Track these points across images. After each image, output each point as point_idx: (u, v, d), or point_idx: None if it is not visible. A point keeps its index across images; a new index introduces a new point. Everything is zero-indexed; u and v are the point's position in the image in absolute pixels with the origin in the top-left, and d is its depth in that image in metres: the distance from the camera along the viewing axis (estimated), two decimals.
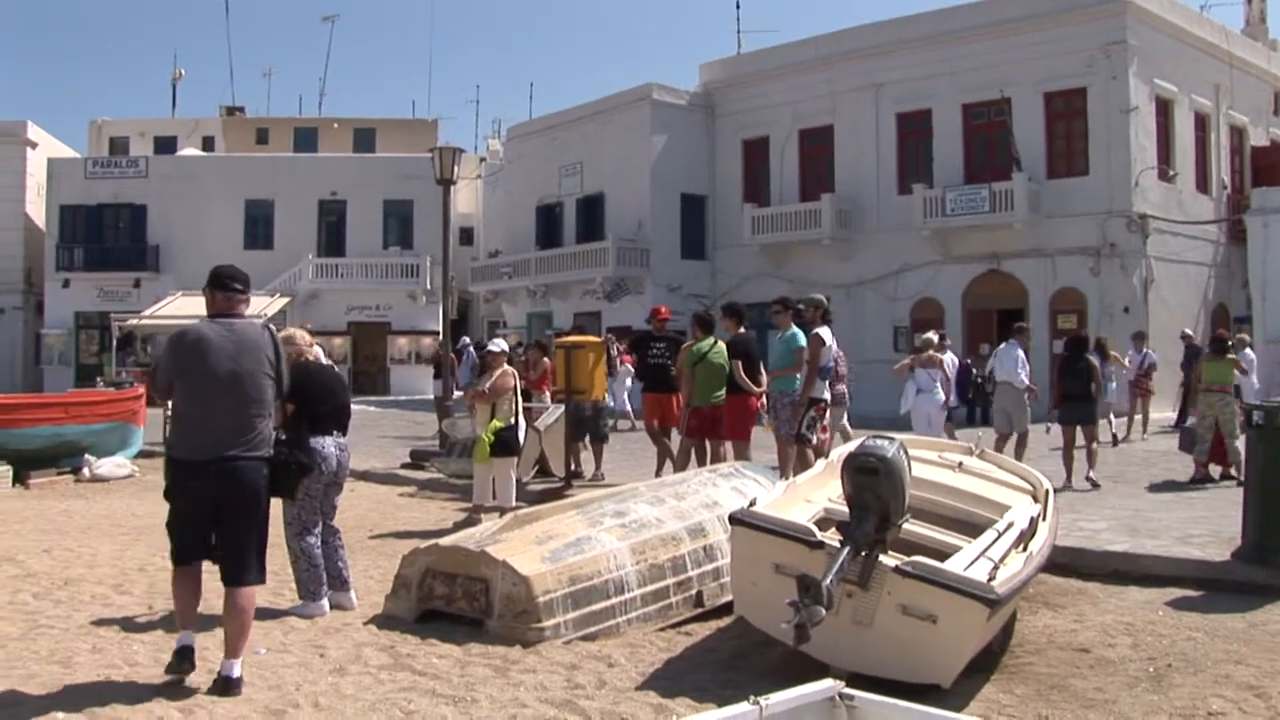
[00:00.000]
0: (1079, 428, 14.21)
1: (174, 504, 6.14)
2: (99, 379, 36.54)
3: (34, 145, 47.73)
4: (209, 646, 6.34)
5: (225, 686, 5.90)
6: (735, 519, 6.30)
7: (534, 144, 43.59)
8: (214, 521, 6.09)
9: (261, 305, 36.19)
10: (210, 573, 6.21)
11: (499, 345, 11.95)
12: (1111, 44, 29.92)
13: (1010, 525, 6.91)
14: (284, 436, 6.95)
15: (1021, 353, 15.17)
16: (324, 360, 8.61)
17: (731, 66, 39.98)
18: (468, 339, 27.51)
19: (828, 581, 5.45)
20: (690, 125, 39.10)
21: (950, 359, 16.60)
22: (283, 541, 7.61)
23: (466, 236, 50.46)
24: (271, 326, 6.62)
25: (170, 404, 5.88)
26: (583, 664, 6.37)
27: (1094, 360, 14.84)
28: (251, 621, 6.23)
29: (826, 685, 3.85)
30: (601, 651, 6.63)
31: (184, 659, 6.02)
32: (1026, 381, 14.89)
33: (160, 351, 6.39)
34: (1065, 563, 9.10)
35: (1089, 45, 30.26)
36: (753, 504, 6.53)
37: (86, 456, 17.53)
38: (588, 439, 15.07)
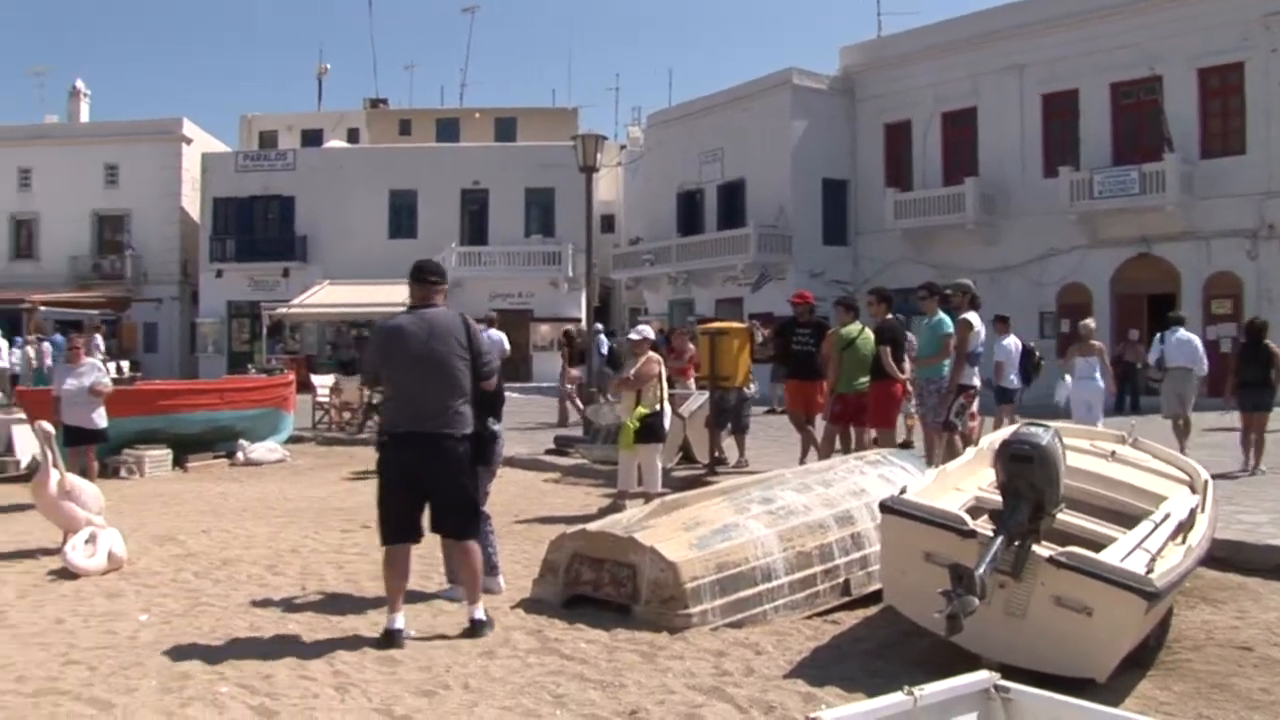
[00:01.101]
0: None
1: (383, 478, 6.79)
2: (250, 366, 37.63)
3: (189, 141, 49.31)
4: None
5: (474, 629, 6.70)
6: (886, 506, 6.23)
7: (674, 131, 43.56)
8: (423, 495, 6.74)
9: (406, 294, 36.83)
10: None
11: (643, 332, 11.95)
12: (1271, 15, 28.79)
13: (1167, 516, 6.69)
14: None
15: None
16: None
17: (872, 49, 39.49)
18: (600, 325, 27.59)
19: (981, 571, 5.37)
20: (831, 109, 38.73)
21: (1013, 342, 16.37)
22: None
23: (608, 224, 50.66)
24: (465, 315, 7.14)
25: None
26: (730, 651, 6.36)
27: (1274, 347, 14.46)
28: (480, 570, 6.96)
29: (981, 677, 3.80)
30: (748, 639, 6.60)
31: (391, 640, 6.48)
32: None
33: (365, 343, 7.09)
34: (1225, 556, 8.74)
35: (1246, 17, 29.20)
36: (903, 491, 6.46)
37: (240, 441, 18.06)
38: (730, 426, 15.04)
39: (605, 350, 24.14)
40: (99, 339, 35.98)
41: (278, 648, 6.49)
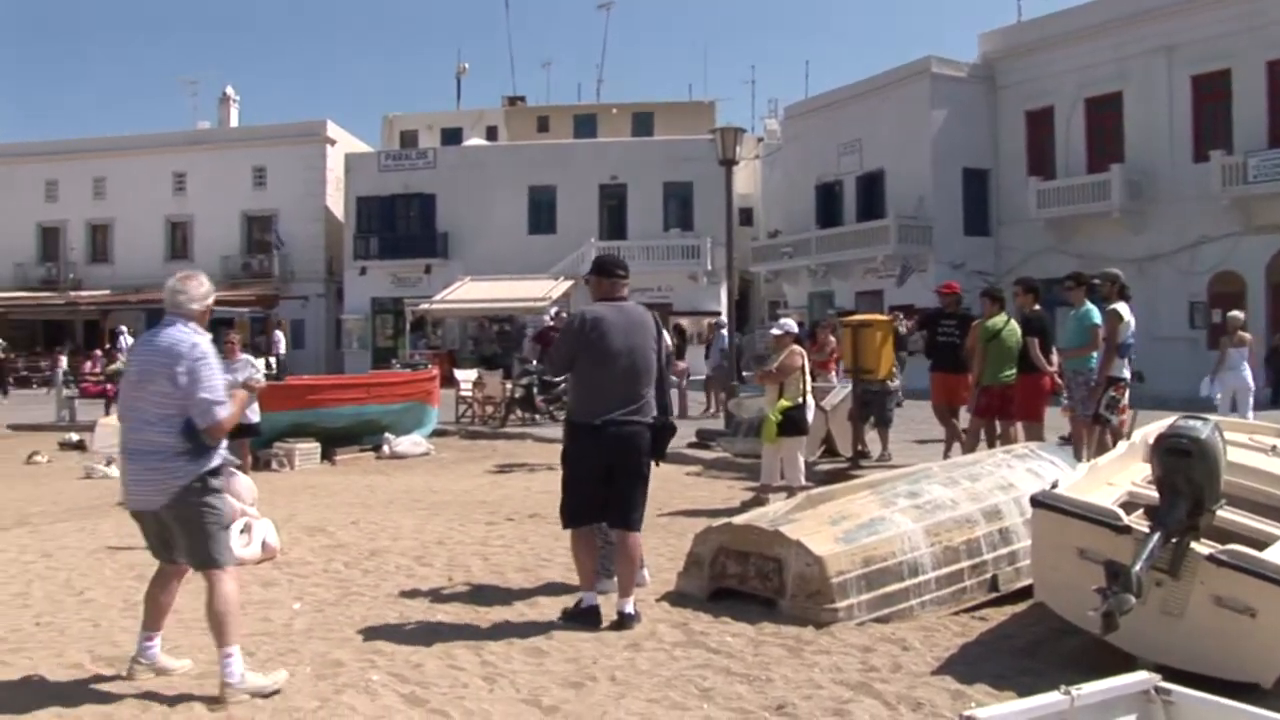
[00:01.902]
0: None
1: (570, 464, 6.99)
2: (394, 361, 38.33)
3: (333, 142, 50.51)
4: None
5: (622, 622, 6.77)
6: (1037, 501, 6.10)
7: (812, 122, 43.29)
8: (606, 480, 6.91)
9: (547, 289, 37.20)
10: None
11: (786, 325, 11.91)
12: None
13: None
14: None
15: None
16: None
17: (1012, 35, 38.72)
18: (724, 320, 27.51)
19: (1137, 568, 5.23)
20: (970, 97, 38.15)
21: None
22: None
23: (746, 217, 50.50)
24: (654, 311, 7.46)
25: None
26: (876, 646, 6.28)
27: None
28: (640, 562, 7.28)
29: (1141, 678, 3.71)
30: (895, 634, 6.52)
31: (590, 619, 6.76)
32: None
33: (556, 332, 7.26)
34: None
35: None
36: (1054, 486, 6.32)
37: (386, 435, 18.39)
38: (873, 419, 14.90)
39: (725, 345, 24.14)
40: (280, 334, 37.19)
41: (426, 637, 6.60)
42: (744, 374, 22.09)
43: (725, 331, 24.83)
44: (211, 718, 5.34)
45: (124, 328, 38.90)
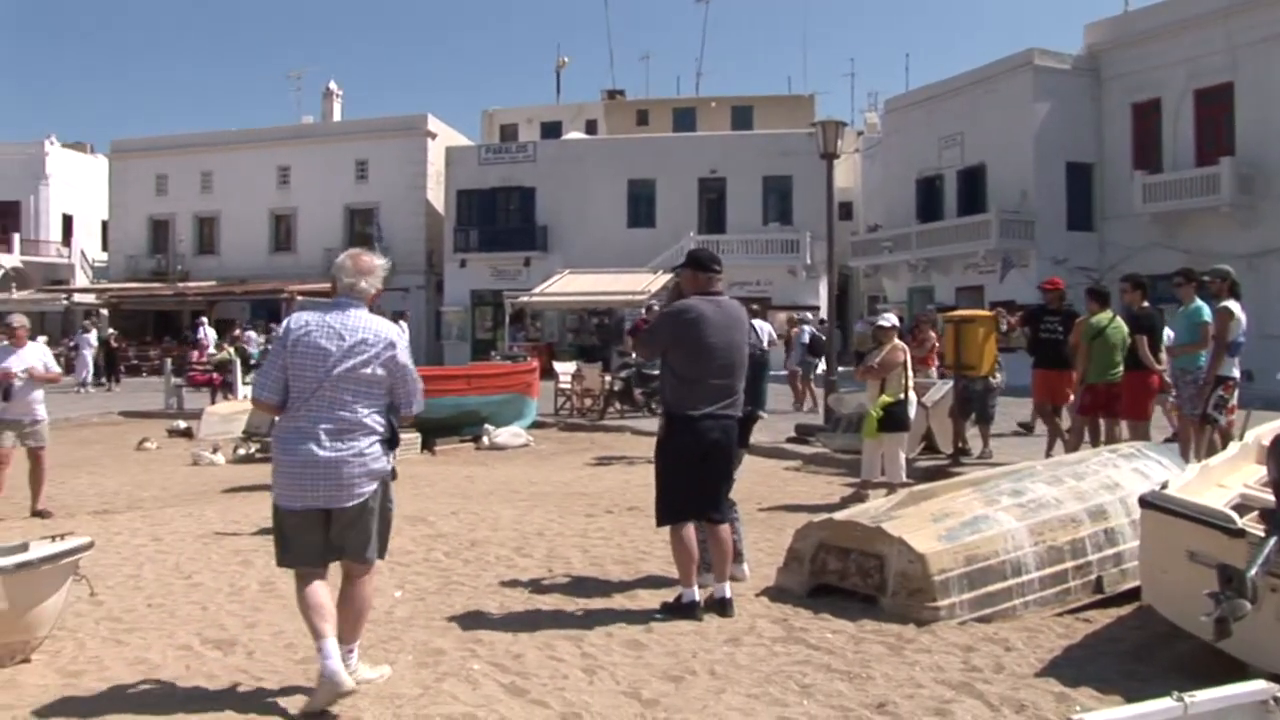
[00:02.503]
0: None
1: (667, 457, 7.01)
2: (493, 353, 38.58)
3: (433, 136, 51.01)
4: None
5: (722, 607, 6.88)
6: (1147, 502, 5.98)
7: (912, 116, 42.85)
8: (703, 473, 6.95)
9: (645, 282, 37.21)
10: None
11: (889, 320, 11.81)
12: None
13: None
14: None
15: None
16: None
17: (1119, 25, 37.89)
18: (808, 315, 27.33)
19: (1252, 573, 5.08)
20: (1075, 90, 37.45)
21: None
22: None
23: (845, 211, 50.11)
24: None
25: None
26: (979, 646, 6.20)
27: None
28: (739, 556, 7.48)
29: (1260, 687, 3.61)
30: (998, 634, 6.43)
31: (690, 613, 6.79)
32: None
33: (655, 321, 7.44)
34: None
35: None
36: (1164, 486, 6.19)
37: (486, 426, 18.53)
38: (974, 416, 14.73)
39: (807, 339, 24.03)
40: (404, 324, 37.57)
41: (527, 628, 6.64)
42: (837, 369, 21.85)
43: (809, 326, 24.72)
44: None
45: (204, 319, 39.67)
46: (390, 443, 5.49)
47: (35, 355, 11.98)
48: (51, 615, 6.27)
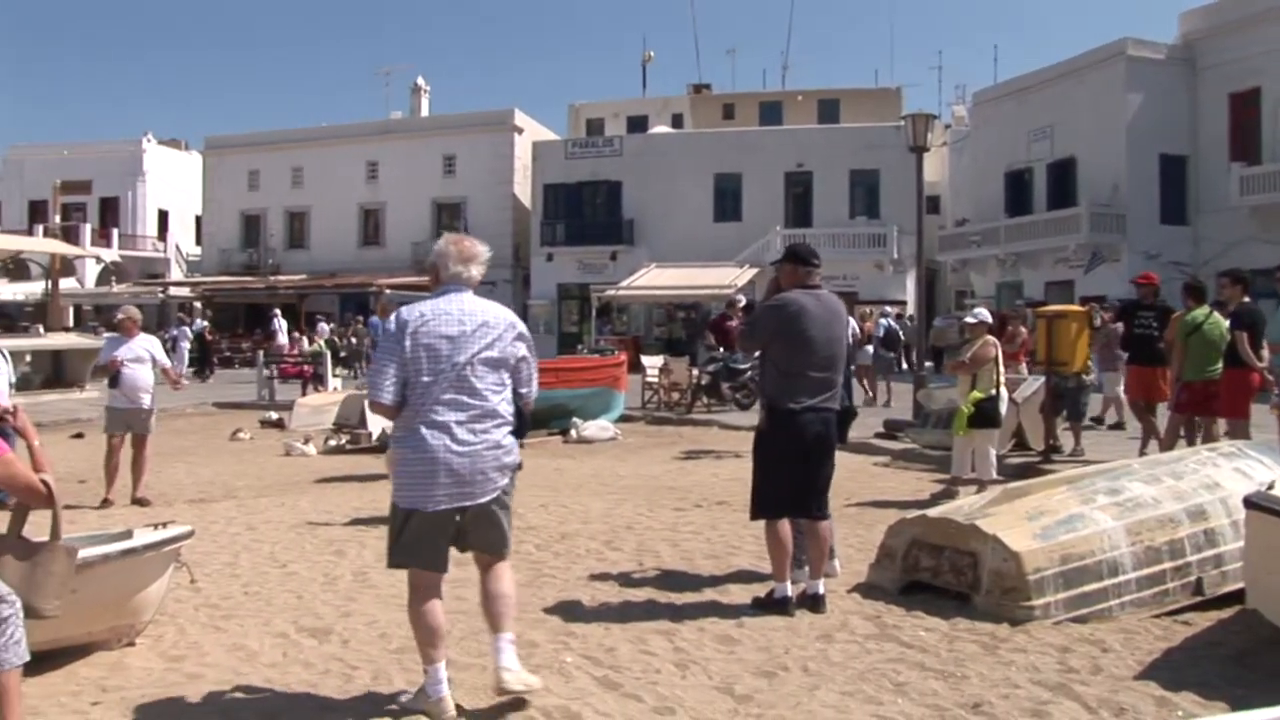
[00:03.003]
0: None
1: (765, 451, 7.01)
2: (580, 346, 38.74)
3: (520, 130, 51.36)
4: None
5: (814, 603, 6.86)
6: (1252, 503, 5.85)
7: (1001, 108, 42.41)
8: (803, 467, 6.91)
9: (732, 276, 37.17)
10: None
11: (980, 315, 11.68)
12: None
13: None
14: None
15: None
16: None
17: (1216, 14, 37.04)
18: (888, 309, 27.10)
19: None
20: (1169, 80, 36.82)
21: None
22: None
23: (932, 205, 49.61)
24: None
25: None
26: (1075, 647, 6.11)
27: None
28: (830, 552, 7.39)
29: None
30: (1094, 635, 6.32)
31: (782, 608, 6.78)
32: None
33: (757, 313, 7.45)
34: None
35: None
36: (1270, 487, 6.05)
37: (574, 419, 18.58)
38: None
39: (882, 333, 23.85)
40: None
41: (618, 621, 6.66)
42: (921, 364, 21.65)
43: (885, 320, 24.55)
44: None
45: (277, 312, 40.34)
46: (519, 431, 5.29)
47: (144, 346, 12.26)
48: (155, 601, 6.41)
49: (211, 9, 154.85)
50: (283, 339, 38.51)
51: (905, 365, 36.74)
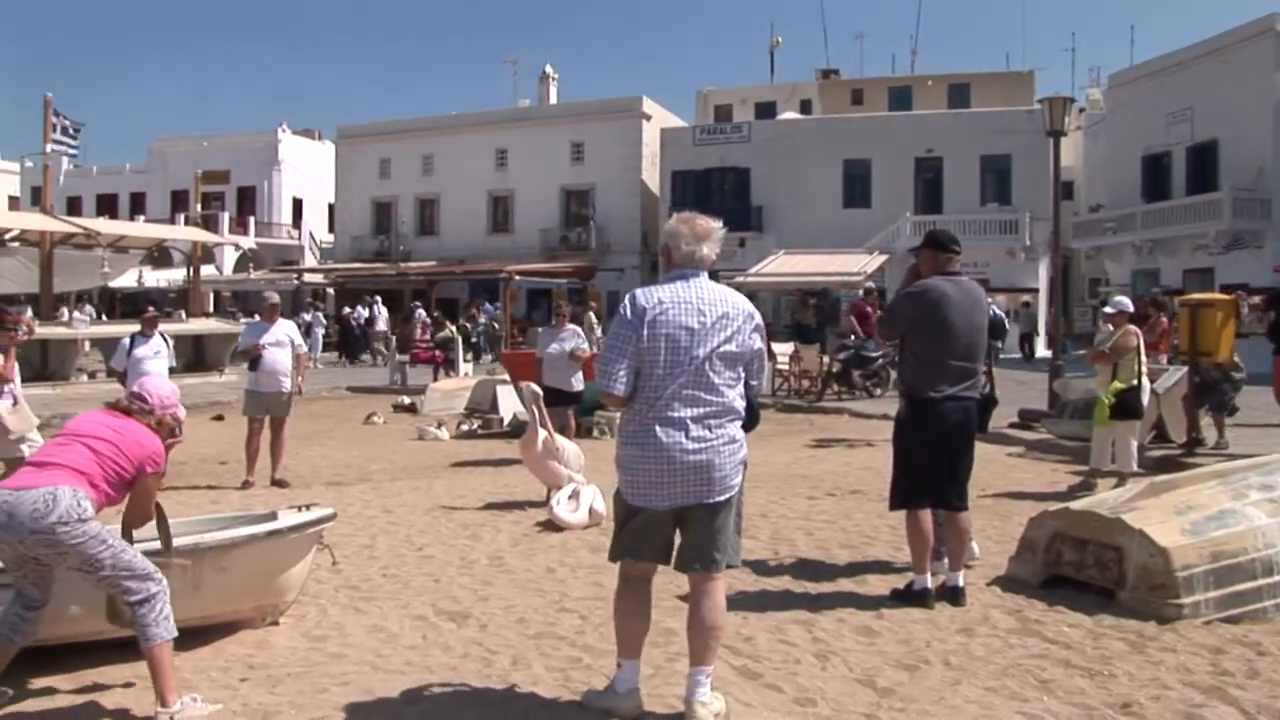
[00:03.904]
0: None
1: (906, 440, 6.93)
2: None
3: (648, 118, 51.43)
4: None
5: (954, 596, 6.79)
6: None
7: (1138, 91, 41.31)
8: (943, 457, 6.84)
9: (861, 263, 36.81)
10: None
11: (1120, 304, 11.40)
12: None
13: None
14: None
15: None
16: None
17: None
18: (992, 302, 26.49)
19: None
20: None
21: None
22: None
23: (1066, 190, 48.52)
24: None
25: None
26: (1228, 648, 5.90)
27: None
28: (968, 540, 7.16)
29: None
30: (1248, 636, 6.10)
31: (922, 600, 6.73)
32: None
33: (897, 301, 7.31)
34: None
35: None
36: None
37: None
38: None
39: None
40: (591, 315, 38.30)
41: (756, 610, 6.61)
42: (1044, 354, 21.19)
43: (992, 309, 24.05)
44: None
45: (377, 298, 41.24)
46: (749, 424, 4.98)
47: (284, 331, 12.55)
48: (298, 581, 6.54)
49: (343, 2, 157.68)
50: (382, 325, 39.34)
51: (1025, 353, 36.09)
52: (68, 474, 4.94)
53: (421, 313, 37.70)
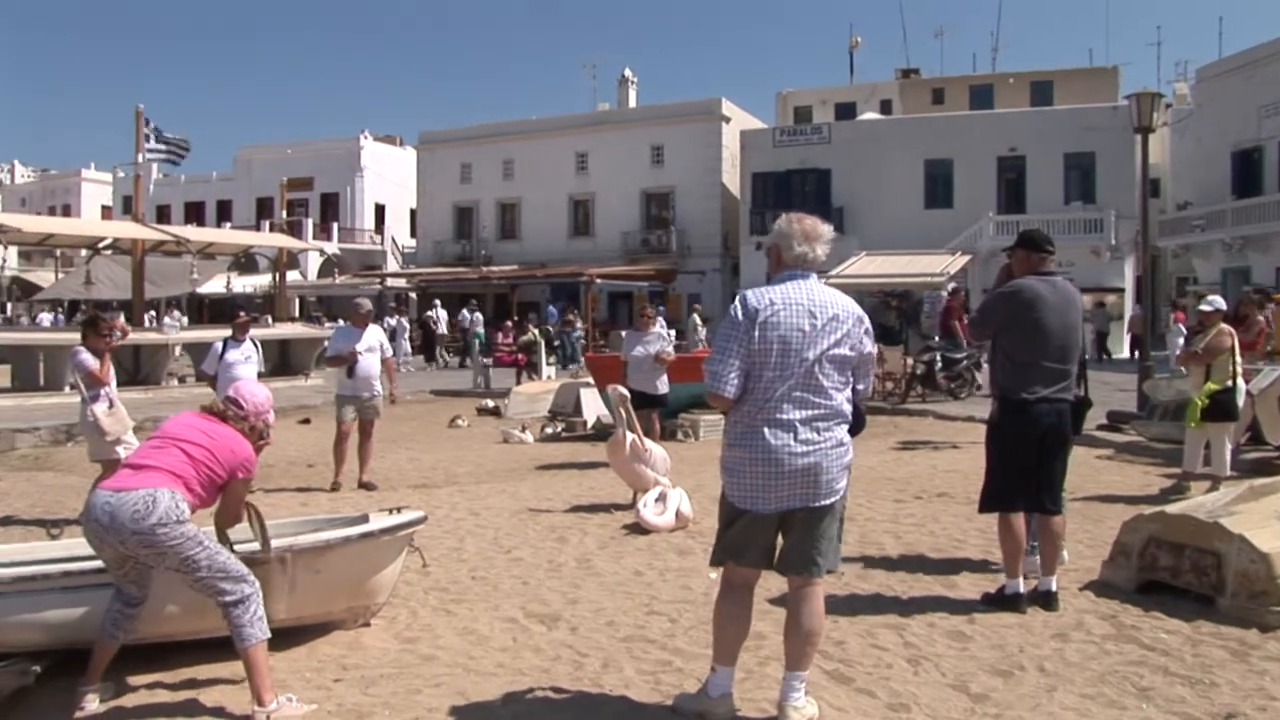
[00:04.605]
0: None
1: (999, 442, 6.87)
2: None
3: (727, 120, 51.45)
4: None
5: (1047, 601, 6.70)
6: None
7: (1228, 84, 40.58)
8: (1036, 459, 6.74)
9: (943, 264, 36.45)
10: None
11: (1214, 303, 11.19)
12: None
13: None
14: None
15: None
16: None
17: None
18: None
19: None
20: None
21: None
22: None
23: (1152, 188, 47.89)
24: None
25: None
26: None
27: None
28: (1060, 544, 7.01)
29: None
30: None
31: (1014, 605, 6.63)
32: None
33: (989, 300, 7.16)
34: None
35: None
36: None
37: None
38: None
39: None
40: (696, 316, 38.54)
41: (846, 614, 6.56)
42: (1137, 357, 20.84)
43: None
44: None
45: (436, 302, 41.81)
46: (855, 428, 4.96)
47: (375, 337, 12.70)
48: (389, 583, 6.61)
49: (422, 9, 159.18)
50: (443, 328, 39.85)
51: (1102, 355, 35.49)
52: (165, 477, 5.06)
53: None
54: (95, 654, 5.23)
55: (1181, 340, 16.10)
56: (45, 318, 44.95)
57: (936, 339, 22.21)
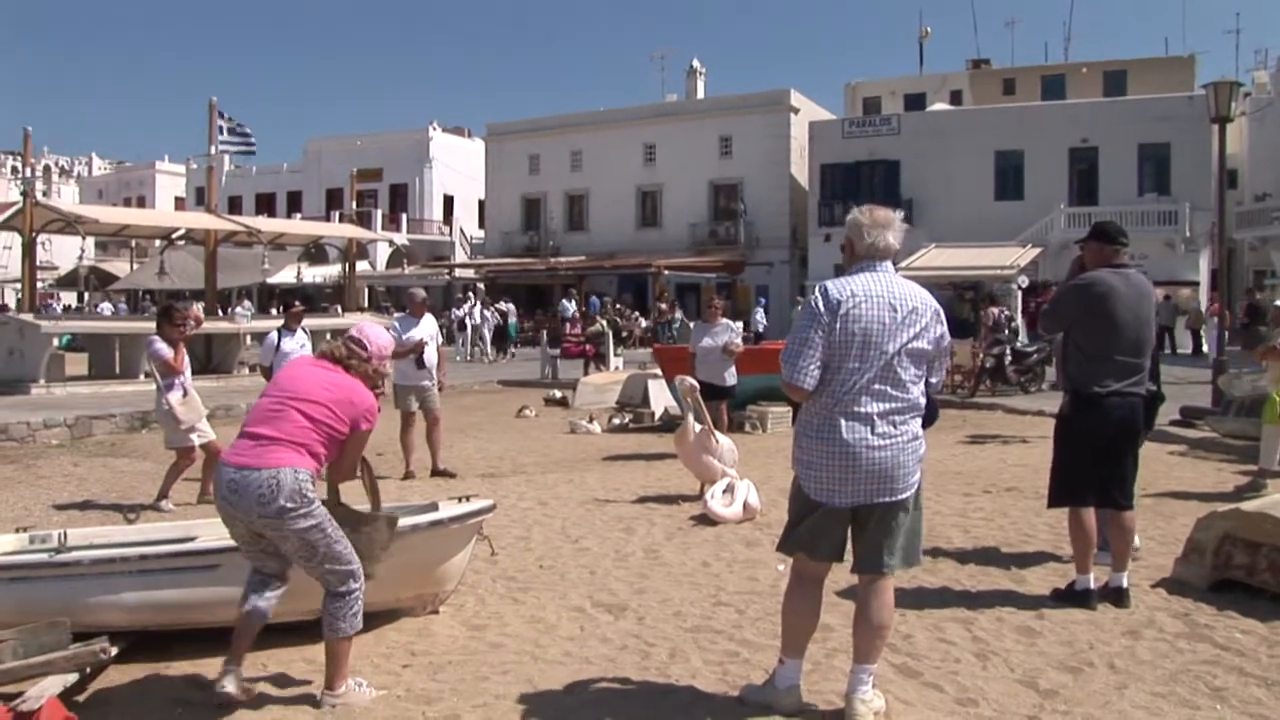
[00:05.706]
0: None
1: (1069, 436, 6.82)
2: None
3: (796, 111, 51.24)
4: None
5: (1118, 597, 6.62)
6: None
7: None
8: (1105, 455, 6.71)
9: (1014, 256, 36.11)
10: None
11: None
12: None
13: None
14: None
15: None
16: None
17: None
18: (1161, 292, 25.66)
19: None
20: None
21: None
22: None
23: (1230, 179, 47.07)
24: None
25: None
26: None
27: None
28: (1132, 540, 6.93)
29: None
30: None
31: (1084, 601, 6.58)
32: None
33: (1062, 293, 7.09)
34: None
35: None
36: None
37: None
38: None
39: None
40: (762, 308, 38.45)
41: (914, 608, 6.53)
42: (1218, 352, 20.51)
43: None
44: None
45: (471, 293, 41.59)
46: (928, 420, 4.89)
47: (431, 328, 12.80)
48: (458, 570, 6.67)
49: (491, 1, 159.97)
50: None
51: (1168, 348, 34.85)
52: (287, 452, 5.02)
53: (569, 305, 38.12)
54: (238, 634, 5.14)
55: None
56: (105, 307, 45.37)
57: (1004, 332, 22.01)
